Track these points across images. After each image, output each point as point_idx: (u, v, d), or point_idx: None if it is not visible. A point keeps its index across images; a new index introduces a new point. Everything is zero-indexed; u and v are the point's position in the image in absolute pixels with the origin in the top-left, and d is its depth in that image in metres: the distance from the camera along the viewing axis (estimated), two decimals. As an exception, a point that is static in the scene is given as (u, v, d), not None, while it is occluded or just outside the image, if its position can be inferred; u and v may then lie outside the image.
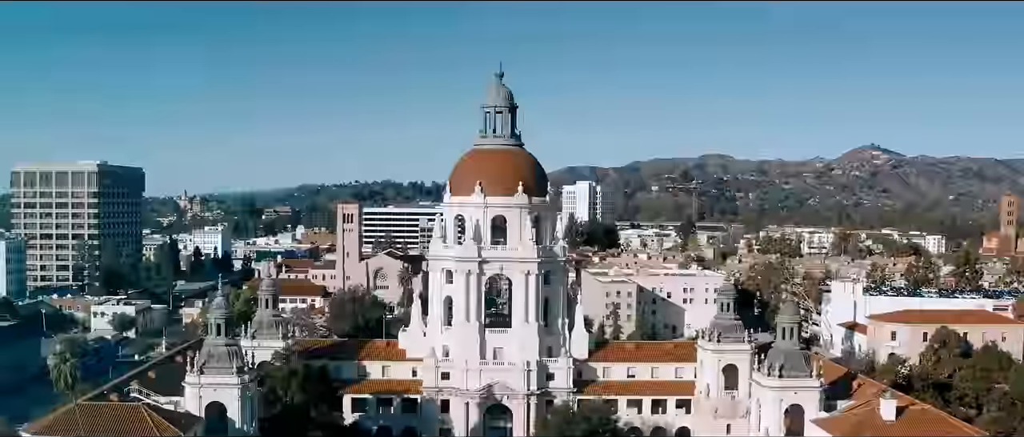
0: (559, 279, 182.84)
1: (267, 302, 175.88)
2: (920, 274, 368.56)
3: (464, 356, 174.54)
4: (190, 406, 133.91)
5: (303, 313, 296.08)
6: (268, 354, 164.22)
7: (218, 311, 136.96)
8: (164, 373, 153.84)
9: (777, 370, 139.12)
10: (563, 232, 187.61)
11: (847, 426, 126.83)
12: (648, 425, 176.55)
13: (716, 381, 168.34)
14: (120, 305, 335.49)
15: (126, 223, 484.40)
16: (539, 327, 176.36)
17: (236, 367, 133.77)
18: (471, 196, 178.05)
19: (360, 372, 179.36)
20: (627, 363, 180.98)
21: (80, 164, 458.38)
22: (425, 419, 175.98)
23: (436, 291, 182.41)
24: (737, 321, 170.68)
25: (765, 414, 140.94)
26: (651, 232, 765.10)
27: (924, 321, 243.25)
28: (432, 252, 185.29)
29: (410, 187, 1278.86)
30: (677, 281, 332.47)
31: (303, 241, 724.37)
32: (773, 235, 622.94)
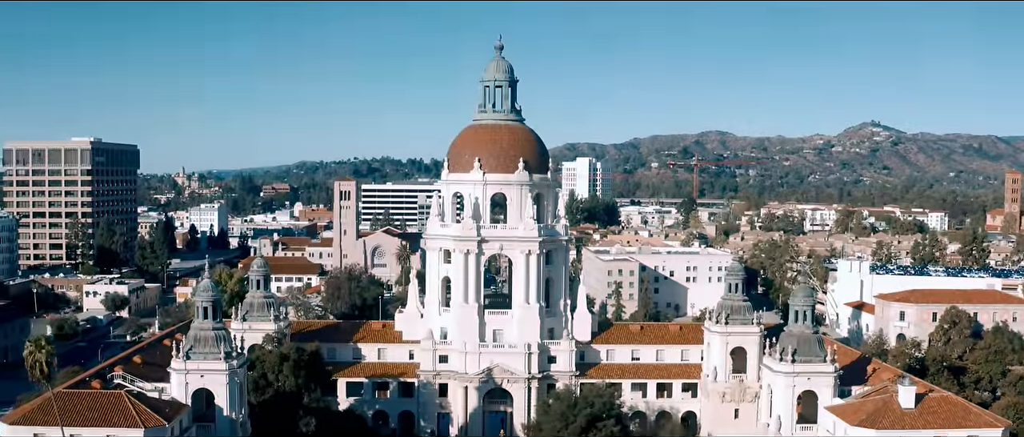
0: (561, 258, 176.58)
1: (258, 283, 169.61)
2: (926, 252, 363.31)
3: (463, 338, 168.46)
4: (176, 393, 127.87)
5: (298, 293, 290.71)
6: (259, 337, 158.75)
7: (205, 294, 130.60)
8: (152, 357, 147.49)
9: (790, 354, 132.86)
10: (565, 210, 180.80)
11: (864, 414, 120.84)
12: (653, 409, 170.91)
13: (724, 364, 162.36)
14: (113, 284, 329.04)
15: (120, 201, 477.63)
16: (540, 308, 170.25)
17: (224, 352, 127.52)
18: (470, 173, 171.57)
19: (355, 355, 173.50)
20: (631, 345, 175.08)
21: (73, 141, 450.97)
22: (422, 403, 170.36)
23: (433, 271, 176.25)
24: (745, 302, 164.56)
25: (777, 400, 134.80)
26: (651, 209, 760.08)
27: (933, 301, 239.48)
28: (429, 231, 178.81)
29: (409, 164, 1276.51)
30: (680, 259, 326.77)
31: (301, 218, 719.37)
32: (775, 212, 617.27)
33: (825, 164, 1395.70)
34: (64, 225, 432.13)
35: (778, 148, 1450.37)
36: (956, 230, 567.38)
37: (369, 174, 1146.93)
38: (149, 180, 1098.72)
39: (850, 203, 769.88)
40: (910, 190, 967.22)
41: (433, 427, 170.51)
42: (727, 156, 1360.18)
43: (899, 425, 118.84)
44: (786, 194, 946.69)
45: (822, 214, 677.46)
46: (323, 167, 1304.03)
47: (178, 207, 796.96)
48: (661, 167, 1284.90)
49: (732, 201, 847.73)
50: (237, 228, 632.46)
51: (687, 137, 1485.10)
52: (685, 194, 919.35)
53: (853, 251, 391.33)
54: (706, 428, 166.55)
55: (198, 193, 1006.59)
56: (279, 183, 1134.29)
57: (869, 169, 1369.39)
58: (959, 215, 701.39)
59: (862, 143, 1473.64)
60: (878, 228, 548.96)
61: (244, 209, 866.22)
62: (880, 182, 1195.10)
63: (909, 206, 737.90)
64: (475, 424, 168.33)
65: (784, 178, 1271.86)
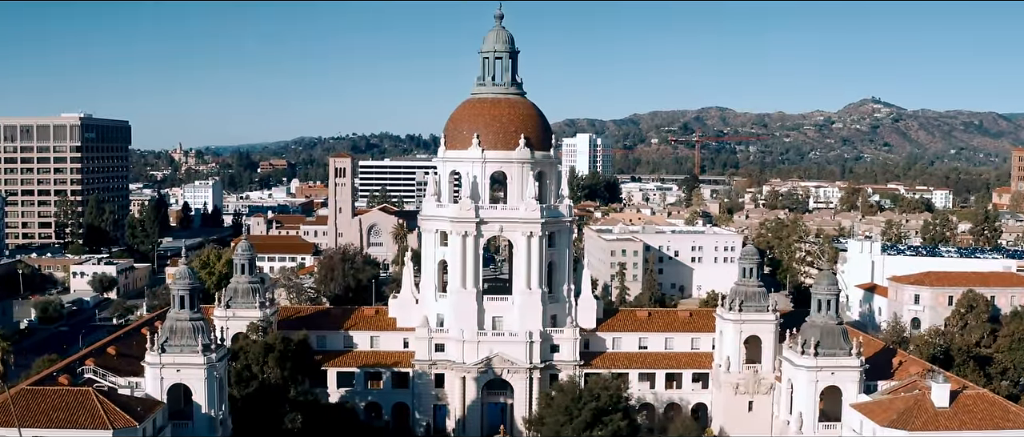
0: (564, 241, 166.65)
1: (243, 267, 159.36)
2: (937, 232, 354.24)
3: (460, 326, 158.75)
4: (150, 388, 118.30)
5: (291, 273, 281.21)
6: (244, 325, 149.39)
7: (182, 281, 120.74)
8: (128, 348, 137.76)
9: (812, 347, 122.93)
10: (568, 189, 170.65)
11: (894, 413, 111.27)
12: (662, 401, 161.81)
13: (737, 354, 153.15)
14: (101, 264, 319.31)
15: (111, 178, 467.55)
16: (543, 294, 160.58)
17: (202, 344, 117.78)
18: (468, 150, 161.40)
19: (346, 343, 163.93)
20: (639, 333, 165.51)
21: (62, 117, 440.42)
22: (418, 395, 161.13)
23: (429, 254, 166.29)
24: (760, 288, 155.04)
25: (798, 396, 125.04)
26: (652, 186, 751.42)
27: (948, 284, 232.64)
28: (425, 211, 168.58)
29: (408, 139, 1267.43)
30: (685, 239, 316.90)
31: (297, 195, 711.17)
32: (779, 190, 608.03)
33: (825, 140, 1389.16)
34: (53, 203, 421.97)
35: (778, 124, 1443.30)
36: (961, 208, 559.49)
37: (367, 150, 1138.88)
38: (146, 156, 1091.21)
39: (853, 180, 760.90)
40: (912, 167, 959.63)
41: (429, 420, 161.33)
42: (727, 132, 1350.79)
43: (933, 426, 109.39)
44: (787, 171, 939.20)
45: (826, 191, 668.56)
46: (321, 143, 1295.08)
47: (175, 184, 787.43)
48: (661, 143, 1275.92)
49: (733, 178, 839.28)
50: (232, 205, 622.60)
51: (687, 113, 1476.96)
52: (686, 170, 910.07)
53: (862, 231, 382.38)
54: (718, 422, 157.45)
55: (195, 169, 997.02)
56: (277, 159, 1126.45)
57: (870, 146, 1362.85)
58: (963, 193, 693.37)
59: (863, 120, 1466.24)
60: (884, 206, 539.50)
61: (241, 186, 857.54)
62: (881, 159, 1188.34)
63: (913, 184, 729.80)
64: (473, 417, 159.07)
65: (785, 154, 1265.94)
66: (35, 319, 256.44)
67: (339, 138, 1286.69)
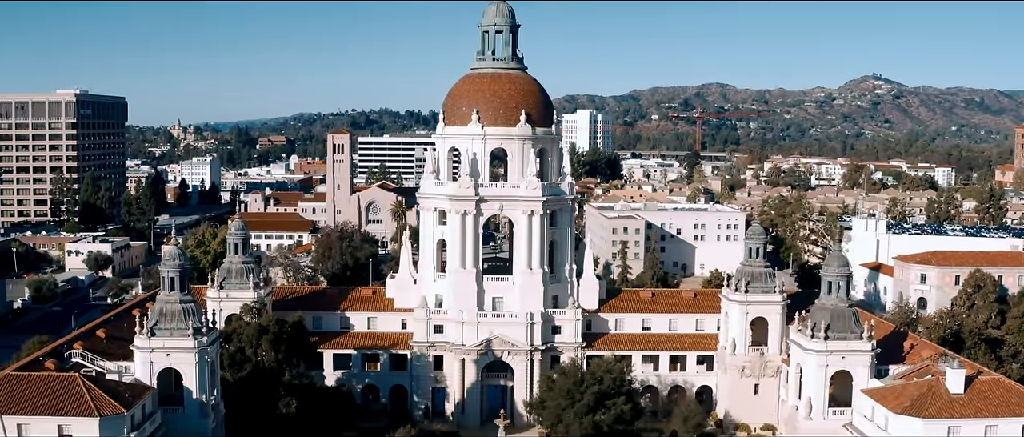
0: (566, 220, 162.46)
1: (236, 247, 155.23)
2: (941, 210, 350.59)
3: (459, 307, 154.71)
4: (140, 373, 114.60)
5: (288, 251, 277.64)
6: (238, 306, 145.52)
7: (171, 263, 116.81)
8: (118, 331, 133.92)
9: (822, 330, 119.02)
10: (570, 166, 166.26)
11: (908, 400, 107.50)
12: (665, 383, 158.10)
13: (743, 336, 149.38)
14: (96, 243, 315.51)
15: (108, 155, 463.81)
16: (544, 274, 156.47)
17: (192, 327, 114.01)
18: (467, 126, 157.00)
19: (343, 324, 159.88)
20: (642, 314, 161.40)
21: (58, 94, 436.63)
22: (416, 377, 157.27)
23: (428, 233, 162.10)
24: (767, 268, 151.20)
25: (807, 381, 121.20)
26: (653, 162, 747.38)
27: (955, 263, 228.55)
28: (423, 189, 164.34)
29: (407, 115, 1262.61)
30: (687, 216, 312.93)
31: (296, 171, 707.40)
32: (781, 166, 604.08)
33: (826, 117, 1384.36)
34: (48, 181, 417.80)
35: (779, 101, 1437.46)
36: (964, 185, 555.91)
37: (367, 126, 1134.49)
38: (144, 133, 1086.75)
39: (854, 157, 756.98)
40: (914, 144, 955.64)
41: (427, 402, 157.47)
42: (728, 109, 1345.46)
43: (948, 413, 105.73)
44: (788, 147, 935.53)
45: (828, 168, 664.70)
46: (321, 119, 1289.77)
47: (173, 160, 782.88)
48: (661, 119, 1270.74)
49: (734, 154, 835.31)
50: (230, 182, 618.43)
51: (687, 89, 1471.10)
52: (687, 147, 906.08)
53: (866, 208, 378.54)
54: (723, 405, 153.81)
55: (193, 146, 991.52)
56: (275, 135, 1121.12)
57: (871, 122, 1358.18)
58: (965, 170, 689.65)
59: (863, 96, 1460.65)
60: (887, 183, 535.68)
61: (240, 162, 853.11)
62: (882, 135, 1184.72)
63: (915, 161, 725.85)
64: (473, 399, 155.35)
65: (785, 131, 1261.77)
66: (29, 298, 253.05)
67: (338, 114, 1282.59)
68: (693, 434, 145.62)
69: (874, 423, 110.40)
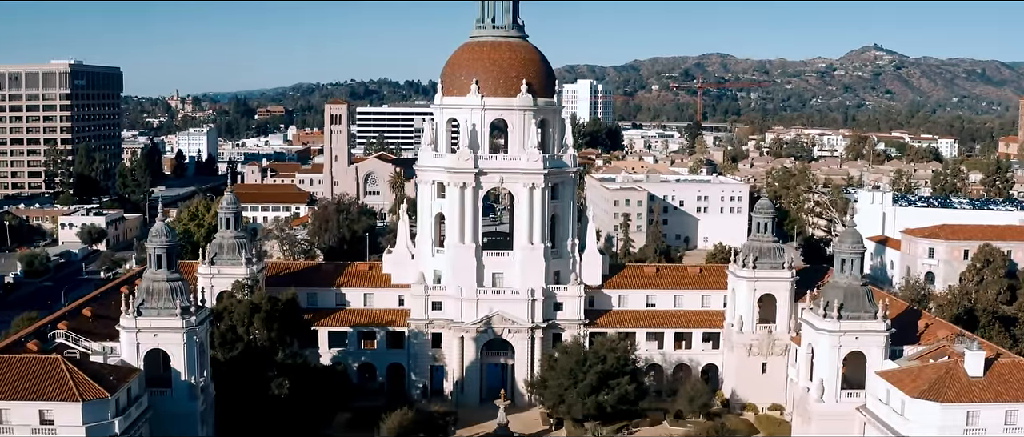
0: (568, 193, 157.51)
1: (228, 221, 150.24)
2: (947, 182, 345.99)
3: (458, 283, 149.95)
4: (126, 355, 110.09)
5: (284, 224, 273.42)
6: (229, 283, 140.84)
7: (158, 239, 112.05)
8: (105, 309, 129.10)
9: (835, 309, 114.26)
10: (572, 138, 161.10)
11: (925, 383, 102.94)
12: (670, 362, 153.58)
13: (750, 313, 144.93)
14: (90, 215, 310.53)
15: (103, 125, 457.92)
16: (545, 249, 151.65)
17: (181, 307, 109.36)
18: (466, 97, 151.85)
19: (338, 301, 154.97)
20: (646, 290, 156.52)
21: (52, 64, 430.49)
22: (413, 355, 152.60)
23: (426, 207, 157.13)
24: (776, 243, 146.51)
25: (820, 362, 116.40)
26: (654, 133, 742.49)
27: (963, 237, 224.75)
28: (421, 161, 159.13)
29: (406, 85, 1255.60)
30: (690, 188, 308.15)
31: (294, 142, 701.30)
32: (783, 137, 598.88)
33: (827, 88, 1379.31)
34: (42, 152, 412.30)
35: (779, 71, 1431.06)
36: (967, 157, 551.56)
37: (366, 96, 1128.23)
38: (143, 103, 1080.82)
39: (856, 128, 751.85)
40: (915, 115, 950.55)
41: (425, 381, 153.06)
42: (728, 79, 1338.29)
43: (966, 397, 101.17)
44: (790, 118, 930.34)
45: (830, 139, 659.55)
46: (320, 89, 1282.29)
47: (171, 131, 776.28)
48: (662, 90, 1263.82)
49: (735, 125, 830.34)
50: (227, 153, 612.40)
51: (688, 59, 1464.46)
52: (687, 117, 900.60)
53: (871, 180, 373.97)
54: (730, 384, 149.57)
55: (192, 117, 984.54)
56: (274, 106, 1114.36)
57: (872, 93, 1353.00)
58: (968, 142, 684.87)
59: (864, 67, 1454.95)
60: (891, 155, 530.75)
61: (238, 132, 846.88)
62: (883, 106, 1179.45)
63: (918, 132, 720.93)
64: (472, 378, 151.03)
65: (786, 101, 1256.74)
66: (21, 273, 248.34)
67: (337, 84, 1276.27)
68: (699, 414, 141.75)
69: (889, 407, 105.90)
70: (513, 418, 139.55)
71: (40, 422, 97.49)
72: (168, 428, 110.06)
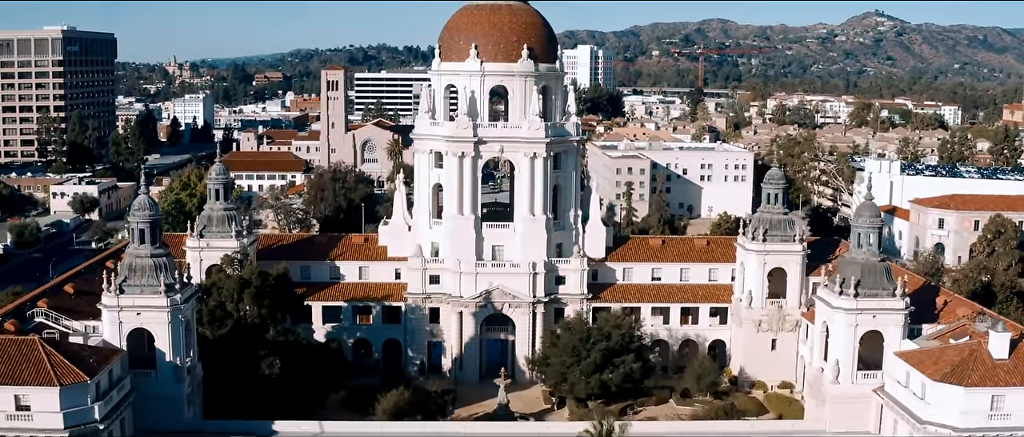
0: (571, 162, 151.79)
1: (217, 193, 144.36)
2: (955, 151, 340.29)
3: (457, 256, 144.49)
4: (108, 335, 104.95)
5: (280, 193, 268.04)
6: (219, 256, 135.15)
7: (141, 213, 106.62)
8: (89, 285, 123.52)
9: (852, 286, 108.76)
10: (575, 105, 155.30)
11: (947, 365, 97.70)
12: (676, 337, 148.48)
13: (760, 287, 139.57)
14: (82, 184, 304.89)
15: (97, 93, 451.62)
16: (547, 221, 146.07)
17: (165, 284, 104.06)
18: (465, 62, 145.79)
19: (333, 274, 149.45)
20: (651, 263, 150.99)
21: (44, 30, 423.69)
22: (410, 331, 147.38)
23: (423, 177, 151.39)
24: (786, 215, 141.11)
25: (835, 342, 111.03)
26: (655, 99, 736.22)
27: (974, 208, 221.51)
28: (418, 129, 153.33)
29: (405, 51, 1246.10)
30: (693, 156, 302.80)
31: (292, 109, 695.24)
32: (786, 104, 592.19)
33: (828, 54, 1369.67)
34: (35, 120, 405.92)
35: (780, 37, 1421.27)
36: (970, 124, 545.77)
37: (364, 62, 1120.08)
38: (140, 69, 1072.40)
39: (858, 95, 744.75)
40: (917, 82, 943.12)
41: (423, 358, 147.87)
42: (729, 45, 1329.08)
43: (991, 381, 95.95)
44: (791, 84, 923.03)
45: (832, 106, 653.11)
46: (318, 55, 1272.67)
47: (168, 98, 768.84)
48: (663, 55, 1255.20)
49: (736, 91, 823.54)
50: (224, 120, 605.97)
51: (688, 25, 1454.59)
52: (688, 83, 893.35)
53: (876, 148, 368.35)
54: (738, 360, 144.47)
55: (189, 83, 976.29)
56: (272, 72, 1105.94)
57: (873, 59, 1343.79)
58: (971, 109, 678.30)
59: (866, 33, 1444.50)
60: (896, 122, 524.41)
61: (236, 99, 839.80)
62: (885, 73, 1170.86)
63: (921, 99, 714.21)
64: (471, 355, 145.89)
65: (787, 68, 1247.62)
66: (11, 243, 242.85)
67: (336, 50, 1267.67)
68: (706, 392, 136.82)
69: (909, 390, 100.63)
70: (513, 396, 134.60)
71: (16, 407, 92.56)
72: (153, 411, 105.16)
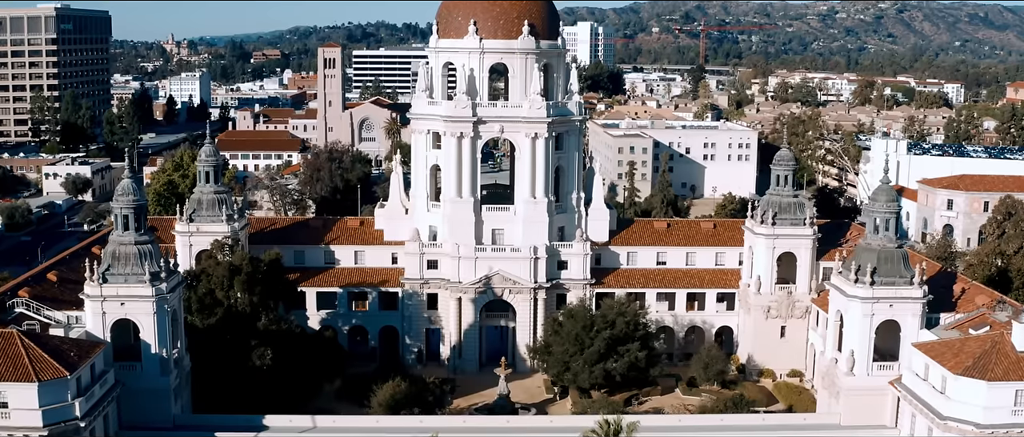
0: (574, 143, 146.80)
1: (207, 175, 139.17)
2: (961, 129, 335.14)
3: (455, 240, 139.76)
4: (91, 326, 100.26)
5: (275, 173, 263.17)
6: (209, 242, 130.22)
7: (124, 198, 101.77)
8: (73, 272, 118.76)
9: (868, 274, 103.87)
10: (578, 84, 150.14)
11: (969, 358, 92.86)
12: (682, 324, 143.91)
13: (769, 273, 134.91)
14: (75, 164, 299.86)
15: (91, 71, 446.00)
16: (549, 203, 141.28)
17: (150, 273, 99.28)
18: (463, 39, 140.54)
19: (327, 259, 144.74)
20: (657, 247, 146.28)
21: (37, 8, 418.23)
22: (408, 317, 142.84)
23: (420, 158, 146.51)
24: (796, 198, 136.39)
25: (850, 332, 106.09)
26: (655, 76, 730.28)
27: (984, 188, 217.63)
28: (415, 109, 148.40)
29: (404, 28, 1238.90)
30: (697, 135, 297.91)
31: (290, 86, 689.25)
32: (789, 81, 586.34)
33: (829, 31, 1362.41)
34: (29, 99, 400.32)
35: (781, 14, 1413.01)
36: (973, 102, 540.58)
37: (363, 39, 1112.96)
38: (137, 47, 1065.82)
39: (861, 72, 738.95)
40: (919, 59, 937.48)
41: (420, 345, 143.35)
42: (730, 21, 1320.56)
43: (1016, 375, 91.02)
44: (792, 62, 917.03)
45: (834, 83, 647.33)
46: (317, 32, 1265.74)
47: (166, 76, 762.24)
48: (663, 32, 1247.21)
49: (737, 68, 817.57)
50: (221, 98, 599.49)
51: (688, 2, 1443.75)
52: (688, 60, 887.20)
53: (881, 127, 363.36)
54: (745, 348, 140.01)
55: (187, 61, 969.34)
56: (270, 49, 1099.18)
57: (874, 36, 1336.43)
58: (973, 87, 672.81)
59: (866, 9, 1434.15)
60: (899, 100, 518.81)
61: (233, 77, 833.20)
62: (886, 50, 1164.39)
63: (923, 77, 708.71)
64: (470, 342, 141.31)
65: (788, 45, 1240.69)
66: (1, 226, 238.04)
67: (335, 27, 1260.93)
68: (714, 382, 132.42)
69: (929, 383, 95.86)
70: (514, 385, 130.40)
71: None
72: (138, 405, 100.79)
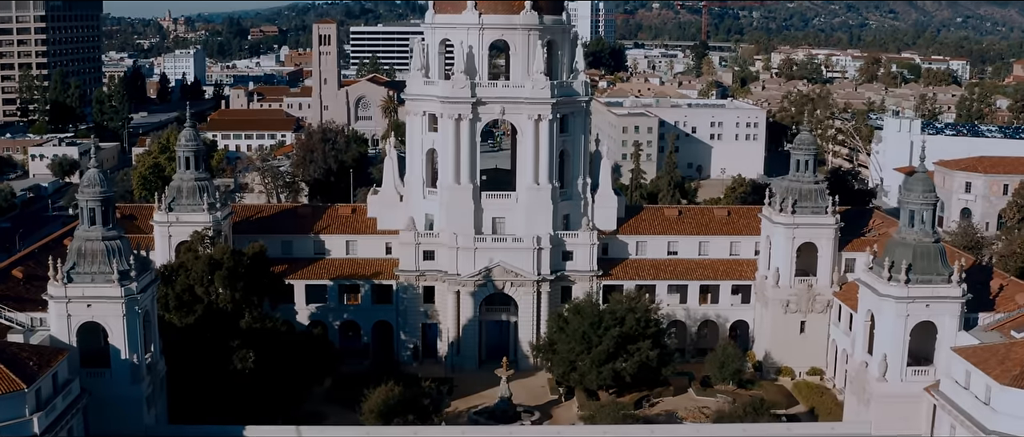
0: (580, 125, 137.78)
1: (187, 162, 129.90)
2: (974, 108, 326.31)
3: (453, 229, 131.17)
4: (56, 330, 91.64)
5: (267, 154, 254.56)
6: (190, 232, 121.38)
7: (90, 189, 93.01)
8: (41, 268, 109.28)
9: (903, 271, 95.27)
10: (583, 62, 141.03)
11: (1015, 365, 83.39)
12: (694, 318, 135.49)
13: (788, 264, 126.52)
14: (62, 145, 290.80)
15: (81, 49, 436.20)
16: (553, 190, 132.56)
17: (118, 272, 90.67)
18: (461, 14, 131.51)
19: (317, 249, 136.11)
20: (668, 236, 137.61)
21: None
22: (403, 312, 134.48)
23: (416, 141, 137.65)
24: (818, 185, 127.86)
25: (883, 334, 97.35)
26: (657, 52, 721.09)
27: (1004, 171, 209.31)
28: (410, 89, 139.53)
29: (403, 3, 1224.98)
30: (703, 113, 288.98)
31: (286, 63, 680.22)
32: (794, 57, 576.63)
33: (830, 6, 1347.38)
34: (17, 78, 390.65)
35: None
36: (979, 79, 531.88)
37: (361, 15, 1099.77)
38: (133, 24, 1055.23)
39: (864, 48, 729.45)
40: (921, 35, 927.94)
41: (416, 341, 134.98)
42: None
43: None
44: (794, 38, 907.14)
45: (839, 60, 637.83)
46: (315, 8, 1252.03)
47: (162, 53, 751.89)
48: (663, 7, 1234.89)
49: (739, 44, 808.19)
50: (216, 75, 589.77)
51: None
52: (689, 36, 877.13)
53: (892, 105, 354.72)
54: (762, 344, 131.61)
55: (183, 38, 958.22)
56: (268, 26, 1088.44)
57: (875, 12, 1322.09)
58: (978, 64, 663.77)
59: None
60: (906, 77, 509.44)
61: (230, 54, 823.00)
62: (888, 26, 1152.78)
63: (927, 53, 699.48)
64: (469, 338, 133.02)
65: (788, 21, 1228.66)
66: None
67: (333, 3, 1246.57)
68: (729, 381, 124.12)
69: (971, 392, 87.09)
70: (516, 384, 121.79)
71: (-60, 421, 79.59)
72: (107, 416, 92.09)
